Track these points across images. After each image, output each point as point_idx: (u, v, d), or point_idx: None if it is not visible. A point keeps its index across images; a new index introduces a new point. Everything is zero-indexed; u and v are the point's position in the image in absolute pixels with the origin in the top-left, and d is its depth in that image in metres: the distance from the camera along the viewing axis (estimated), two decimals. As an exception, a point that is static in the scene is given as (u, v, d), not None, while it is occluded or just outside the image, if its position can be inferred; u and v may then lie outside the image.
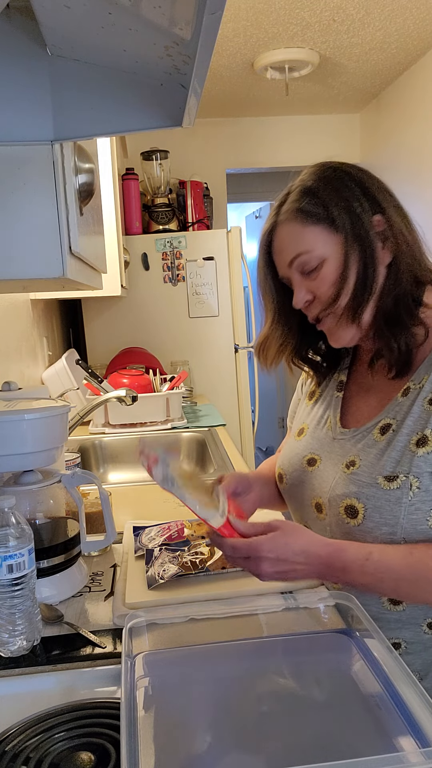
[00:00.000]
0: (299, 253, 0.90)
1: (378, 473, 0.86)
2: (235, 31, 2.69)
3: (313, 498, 0.96)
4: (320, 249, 0.88)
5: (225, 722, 0.66)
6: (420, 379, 0.87)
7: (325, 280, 0.89)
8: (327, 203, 0.88)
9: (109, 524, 1.05)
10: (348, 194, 0.88)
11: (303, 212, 0.89)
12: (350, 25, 2.70)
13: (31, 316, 2.19)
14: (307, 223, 0.89)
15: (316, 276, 0.90)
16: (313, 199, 0.89)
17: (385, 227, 0.89)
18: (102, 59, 0.78)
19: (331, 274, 0.89)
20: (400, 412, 0.88)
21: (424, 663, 0.89)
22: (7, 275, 0.89)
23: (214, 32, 0.56)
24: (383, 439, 0.88)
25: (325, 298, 0.90)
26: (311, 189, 0.90)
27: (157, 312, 3.13)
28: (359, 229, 0.87)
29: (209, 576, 1.00)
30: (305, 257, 0.89)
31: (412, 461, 0.83)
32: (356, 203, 0.88)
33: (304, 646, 0.82)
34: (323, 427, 1.01)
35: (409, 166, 3.39)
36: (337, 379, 1.05)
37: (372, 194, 0.89)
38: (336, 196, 0.88)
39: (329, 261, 0.89)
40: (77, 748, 0.65)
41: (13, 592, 0.81)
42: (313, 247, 0.89)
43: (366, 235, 0.87)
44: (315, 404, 1.07)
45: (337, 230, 0.88)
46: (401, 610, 0.88)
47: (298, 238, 0.90)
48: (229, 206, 4.32)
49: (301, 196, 0.90)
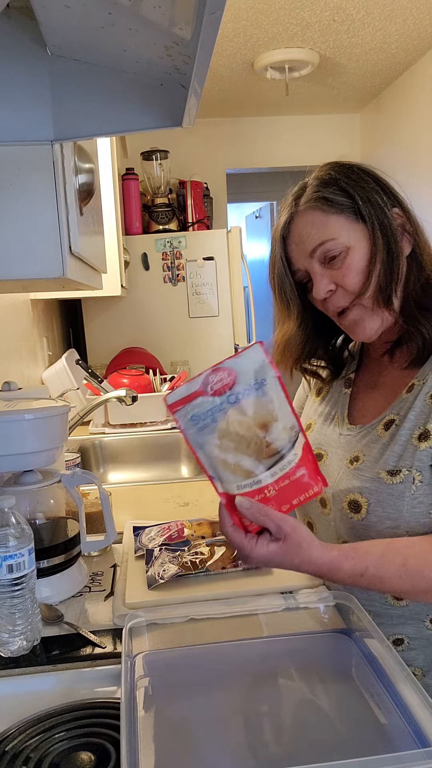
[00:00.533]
0: (323, 240, 0.89)
1: (381, 468, 0.87)
2: (235, 31, 2.69)
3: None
4: (345, 237, 0.88)
5: (225, 722, 0.66)
6: (424, 375, 0.89)
7: (351, 269, 0.89)
8: (351, 193, 0.89)
9: (109, 524, 1.05)
10: (368, 186, 0.89)
11: (327, 200, 0.89)
12: (350, 26, 2.70)
13: (31, 316, 2.19)
14: (331, 212, 0.89)
15: (340, 265, 0.89)
16: (337, 189, 0.89)
17: (403, 220, 0.90)
18: (102, 59, 0.78)
19: (357, 262, 0.88)
20: (403, 408, 0.89)
21: (426, 659, 0.90)
22: (7, 275, 0.89)
23: (214, 32, 0.56)
24: (386, 435, 0.89)
25: (352, 287, 0.89)
26: (332, 179, 0.90)
27: (157, 312, 3.13)
28: (383, 218, 0.88)
29: (209, 576, 1.00)
30: (330, 245, 0.88)
31: (415, 455, 0.84)
32: (376, 195, 0.89)
33: (304, 646, 0.82)
34: (330, 423, 1.02)
35: (409, 166, 3.39)
36: (345, 376, 1.05)
37: (389, 188, 0.91)
38: (358, 187, 0.89)
39: (354, 250, 0.88)
40: (77, 748, 0.65)
41: (13, 592, 0.81)
42: (337, 235, 0.88)
43: (390, 225, 0.88)
44: (323, 401, 1.07)
45: (363, 219, 0.88)
46: (404, 605, 0.89)
47: (322, 226, 0.89)
48: (229, 206, 4.32)
49: (323, 186, 0.90)
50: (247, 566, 0.81)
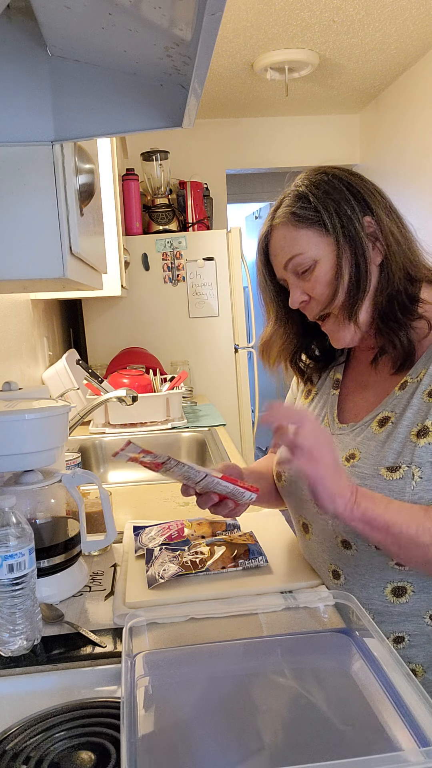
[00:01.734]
0: (293, 255, 0.93)
1: (379, 464, 0.87)
2: (235, 31, 2.70)
3: None
4: (313, 251, 0.92)
5: (225, 722, 0.66)
6: (418, 372, 0.89)
7: (319, 281, 0.93)
8: (318, 206, 0.91)
9: (110, 524, 1.05)
10: (338, 197, 0.91)
11: (295, 216, 0.93)
12: (350, 26, 2.70)
13: (32, 316, 2.19)
14: (300, 226, 0.92)
15: (310, 277, 0.93)
16: (305, 203, 0.92)
17: (375, 228, 0.92)
18: (102, 60, 0.78)
19: (324, 274, 0.92)
20: (398, 405, 0.90)
21: (427, 656, 0.90)
22: (8, 275, 0.89)
23: (214, 33, 0.56)
24: (382, 431, 0.90)
25: (321, 298, 0.94)
26: (303, 193, 0.93)
27: (157, 312, 3.13)
28: (350, 230, 0.90)
29: (209, 576, 1.00)
30: (299, 259, 0.93)
31: (414, 452, 0.85)
32: (346, 205, 0.91)
33: (304, 645, 0.82)
34: (321, 423, 1.02)
35: (409, 166, 3.39)
36: (333, 377, 1.07)
37: (361, 196, 0.92)
38: (327, 199, 0.91)
39: (322, 262, 0.92)
40: (77, 748, 0.65)
41: (13, 592, 0.81)
42: (305, 249, 0.92)
43: (356, 236, 0.90)
44: (311, 403, 1.09)
45: (329, 232, 0.91)
46: (404, 602, 0.89)
47: (292, 241, 0.93)
48: (229, 206, 4.33)
49: (294, 201, 0.94)
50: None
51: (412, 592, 0.88)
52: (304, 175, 0.97)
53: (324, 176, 0.94)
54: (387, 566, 0.88)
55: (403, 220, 0.95)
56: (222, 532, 1.12)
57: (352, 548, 0.91)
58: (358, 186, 0.93)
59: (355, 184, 0.93)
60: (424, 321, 0.91)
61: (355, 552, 0.91)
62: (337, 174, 0.94)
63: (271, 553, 1.07)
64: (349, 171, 0.96)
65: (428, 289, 0.94)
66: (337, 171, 0.95)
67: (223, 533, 1.12)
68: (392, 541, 0.81)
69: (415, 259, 0.93)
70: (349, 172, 0.96)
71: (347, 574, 0.92)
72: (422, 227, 0.99)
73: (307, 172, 0.97)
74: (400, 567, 0.87)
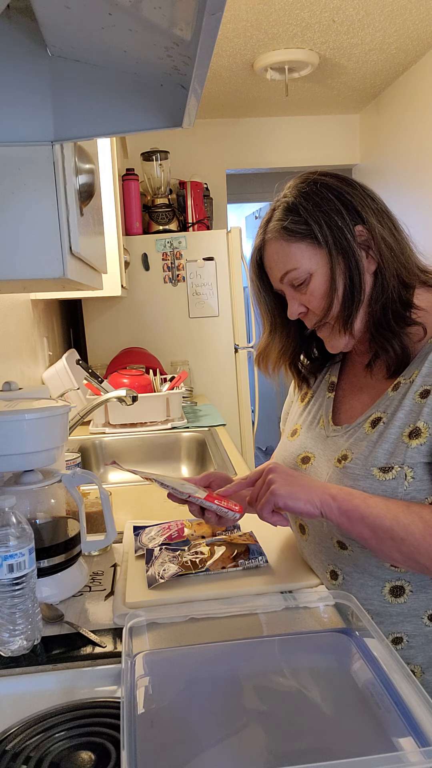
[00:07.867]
0: (288, 270, 0.94)
1: (372, 465, 0.88)
2: (235, 31, 2.70)
3: None
4: (307, 264, 0.92)
5: (225, 722, 0.66)
6: (410, 374, 0.90)
7: (314, 294, 0.93)
8: (308, 220, 0.91)
9: (110, 524, 1.05)
10: (328, 208, 0.91)
11: (287, 230, 0.92)
12: (350, 26, 2.70)
13: (32, 316, 2.19)
14: (292, 241, 0.92)
15: (306, 290, 0.94)
16: (296, 217, 0.92)
17: (367, 236, 0.91)
18: (102, 60, 0.78)
19: (319, 287, 0.92)
20: (390, 405, 0.90)
21: (425, 656, 0.90)
22: (8, 275, 0.89)
23: (214, 33, 0.56)
24: (374, 432, 0.90)
25: (317, 310, 0.94)
26: (293, 206, 0.93)
27: (157, 312, 3.13)
28: (342, 241, 0.90)
29: (209, 576, 1.00)
30: (294, 273, 0.93)
31: (406, 452, 0.85)
32: (337, 216, 0.90)
33: (303, 645, 0.82)
34: (316, 426, 1.03)
35: (409, 166, 3.39)
36: (328, 380, 1.08)
37: (352, 206, 0.91)
38: (317, 211, 0.91)
39: (316, 275, 0.92)
40: (77, 748, 0.65)
41: (13, 592, 0.81)
42: (299, 264, 0.92)
43: (349, 247, 0.90)
44: (307, 405, 1.10)
45: (321, 245, 0.91)
46: (403, 602, 0.89)
47: (285, 255, 0.93)
48: (229, 206, 4.33)
49: (285, 215, 0.93)
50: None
51: (411, 592, 0.88)
52: (293, 183, 0.96)
53: (313, 186, 0.93)
54: (384, 566, 0.88)
55: (396, 222, 0.95)
56: (222, 532, 1.12)
57: (347, 549, 0.91)
58: (348, 194, 0.92)
59: (345, 192, 0.92)
60: (419, 327, 0.91)
61: (351, 552, 0.91)
62: (326, 183, 0.93)
63: (271, 553, 1.07)
64: (339, 177, 0.95)
65: (422, 291, 0.94)
66: (327, 179, 0.93)
67: (223, 533, 1.12)
68: (370, 535, 0.82)
69: (409, 264, 0.93)
70: (339, 178, 0.95)
71: (345, 575, 0.92)
72: (422, 227, 0.99)
73: (296, 180, 0.96)
74: (395, 566, 0.88)
